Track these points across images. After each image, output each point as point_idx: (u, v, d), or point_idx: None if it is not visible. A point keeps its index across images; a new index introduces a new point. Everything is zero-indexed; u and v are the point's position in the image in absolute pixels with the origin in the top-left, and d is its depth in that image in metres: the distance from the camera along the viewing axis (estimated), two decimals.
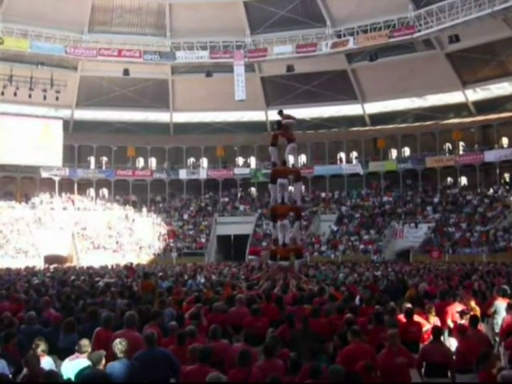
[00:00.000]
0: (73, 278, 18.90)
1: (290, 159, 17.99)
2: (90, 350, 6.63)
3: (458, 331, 8.16)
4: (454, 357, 7.59)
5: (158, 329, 7.83)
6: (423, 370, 7.47)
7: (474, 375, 6.75)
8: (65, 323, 8.12)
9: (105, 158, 50.53)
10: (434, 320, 9.39)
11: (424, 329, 8.90)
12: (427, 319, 9.36)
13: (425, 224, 40.66)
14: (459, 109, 46.25)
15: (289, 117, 17.22)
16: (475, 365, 6.41)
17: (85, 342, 6.70)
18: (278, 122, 16.92)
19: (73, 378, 6.30)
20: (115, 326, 7.84)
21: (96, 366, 6.06)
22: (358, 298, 11.99)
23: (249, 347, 6.96)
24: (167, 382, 6.67)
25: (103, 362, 6.12)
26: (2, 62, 42.74)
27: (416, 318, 9.03)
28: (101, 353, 6.17)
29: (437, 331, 7.75)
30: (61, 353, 7.58)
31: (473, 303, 10.49)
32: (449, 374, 7.32)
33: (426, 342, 8.19)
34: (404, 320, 8.86)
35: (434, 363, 7.33)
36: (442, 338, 8.10)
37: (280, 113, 17.25)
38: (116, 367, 6.16)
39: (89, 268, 29.03)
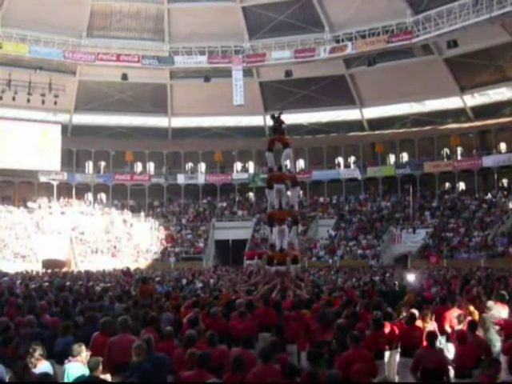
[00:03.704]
0: (68, 283, 18.75)
1: (287, 164, 17.91)
2: (84, 353, 6.59)
3: (457, 338, 8.13)
4: (453, 362, 7.57)
5: (155, 333, 7.80)
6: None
7: (472, 380, 6.73)
8: (62, 326, 8.11)
9: (103, 163, 50.53)
10: (431, 326, 9.34)
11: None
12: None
13: (423, 229, 40.64)
14: (457, 114, 46.32)
15: (282, 122, 17.17)
16: (482, 367, 6.33)
17: (77, 346, 6.67)
18: (274, 128, 16.88)
19: (66, 380, 6.29)
20: (113, 331, 7.81)
21: (93, 373, 6.03)
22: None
23: (246, 352, 6.92)
24: None
25: (100, 368, 6.10)
26: (1, 66, 42.60)
27: (418, 323, 9.02)
28: (98, 359, 6.15)
29: (431, 337, 7.69)
30: (56, 356, 7.55)
31: (471, 308, 10.46)
32: (445, 379, 7.28)
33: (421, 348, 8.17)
34: (405, 325, 8.85)
35: (429, 369, 7.27)
36: (437, 344, 8.07)
37: (273, 117, 17.16)
38: None
39: (86, 273, 28.92)
